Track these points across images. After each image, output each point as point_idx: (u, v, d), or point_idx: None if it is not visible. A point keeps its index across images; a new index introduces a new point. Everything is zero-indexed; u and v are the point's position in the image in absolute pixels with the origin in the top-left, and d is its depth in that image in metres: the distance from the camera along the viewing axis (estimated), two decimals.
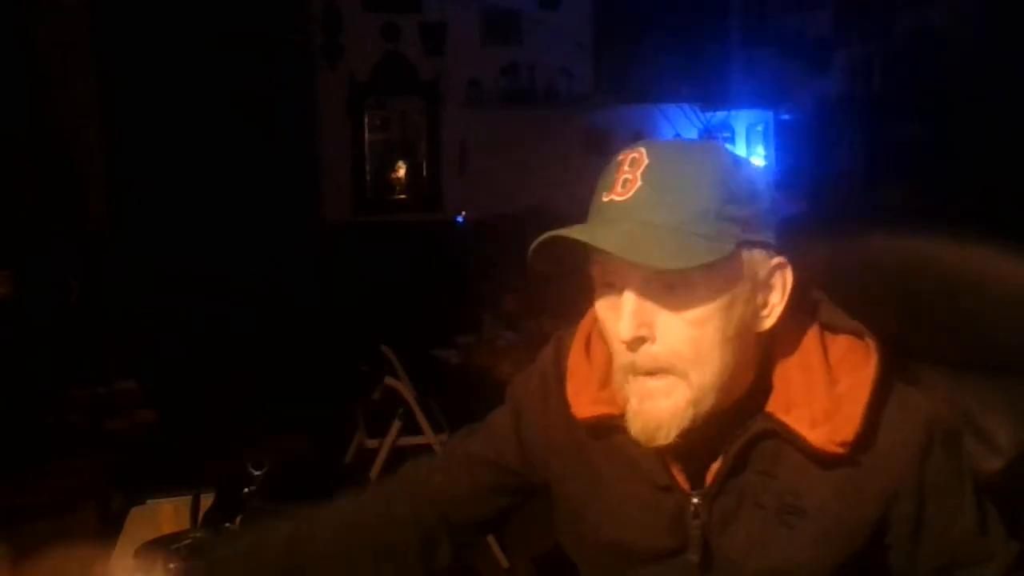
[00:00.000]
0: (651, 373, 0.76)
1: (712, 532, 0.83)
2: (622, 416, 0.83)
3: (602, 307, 0.79)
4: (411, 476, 1.02)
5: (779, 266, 0.79)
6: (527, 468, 0.97)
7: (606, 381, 0.87)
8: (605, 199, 0.75)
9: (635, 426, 0.78)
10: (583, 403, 0.87)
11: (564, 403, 0.89)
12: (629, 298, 0.74)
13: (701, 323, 0.74)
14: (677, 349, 0.74)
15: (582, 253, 0.77)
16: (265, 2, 4.08)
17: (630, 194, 0.74)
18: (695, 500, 0.83)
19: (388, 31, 4.21)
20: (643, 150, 0.75)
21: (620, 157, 0.77)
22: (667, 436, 0.76)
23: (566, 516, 0.95)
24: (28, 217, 3.53)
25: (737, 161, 0.77)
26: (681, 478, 0.83)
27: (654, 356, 0.75)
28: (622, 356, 0.77)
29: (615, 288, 0.76)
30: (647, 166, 0.74)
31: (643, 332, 0.74)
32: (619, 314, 0.75)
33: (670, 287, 0.74)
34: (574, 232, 0.73)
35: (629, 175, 0.74)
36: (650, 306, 0.74)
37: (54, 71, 3.77)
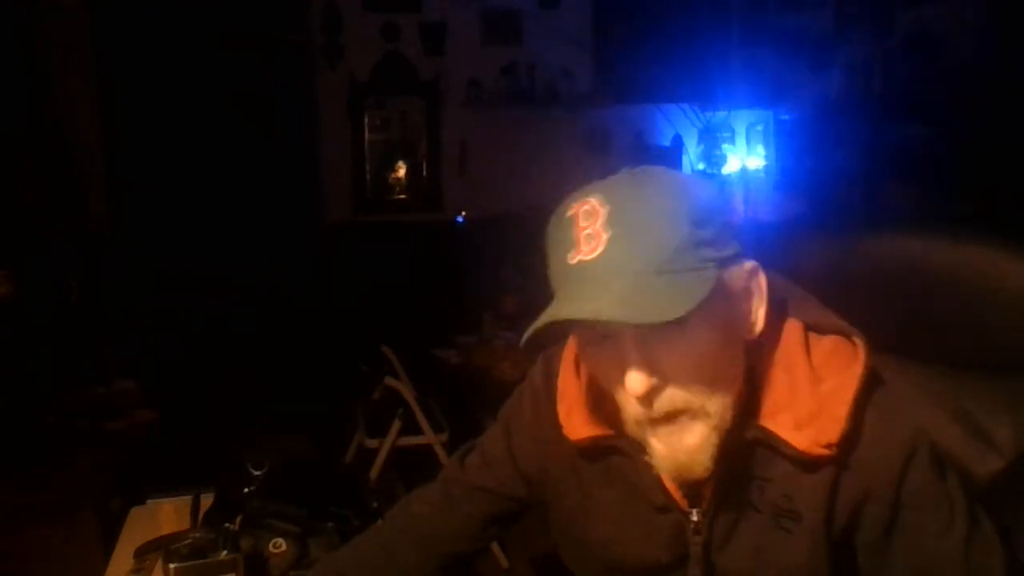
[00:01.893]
0: (668, 417, 0.73)
1: (714, 547, 0.82)
2: (616, 436, 0.83)
3: (596, 362, 0.76)
4: (412, 520, 1.02)
5: (752, 271, 0.77)
6: (528, 489, 0.97)
7: (599, 401, 0.85)
8: (572, 261, 0.70)
9: (667, 466, 0.75)
10: (575, 424, 0.86)
11: (556, 424, 0.87)
12: (632, 351, 0.71)
13: (704, 354, 0.72)
14: (691, 388, 0.72)
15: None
16: (265, 2, 4.08)
17: (600, 249, 0.69)
18: (695, 518, 0.82)
19: (388, 31, 4.20)
20: (594, 200, 0.71)
21: (570, 212, 0.72)
22: (704, 468, 0.74)
23: (564, 534, 0.95)
24: (28, 217, 3.53)
25: (690, 180, 0.75)
26: (678, 496, 0.82)
27: (670, 401, 0.72)
28: (633, 408, 0.74)
29: (607, 343, 0.73)
30: (607, 214, 0.70)
31: (654, 381, 0.71)
32: (620, 368, 0.72)
33: (666, 325, 0.70)
34: (571, 313, 0.69)
35: (590, 229, 0.70)
36: (652, 352, 0.71)
37: (54, 71, 3.76)
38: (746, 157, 4.28)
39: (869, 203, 3.46)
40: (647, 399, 0.72)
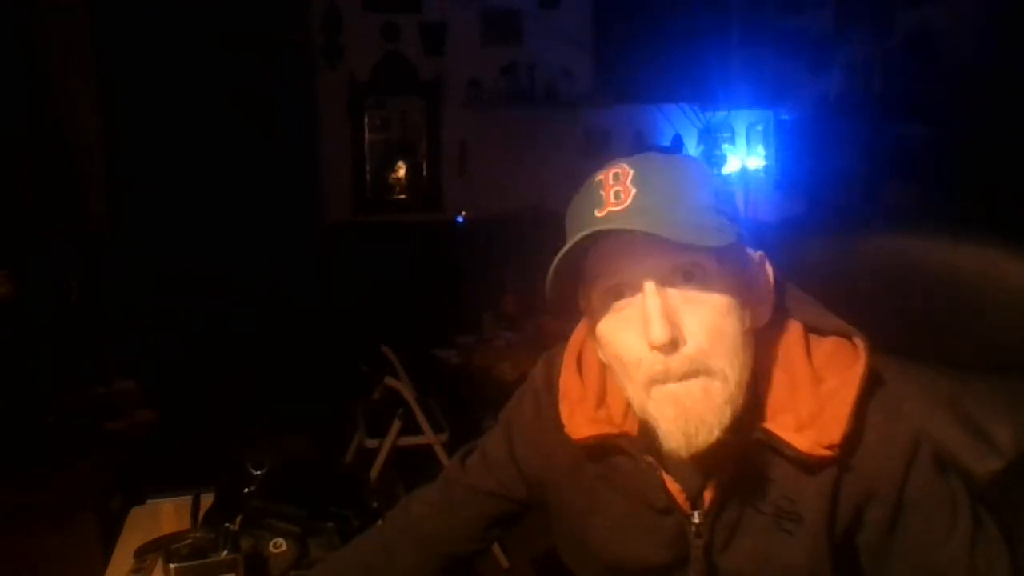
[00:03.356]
0: (686, 376, 0.72)
1: (715, 549, 0.82)
2: (619, 436, 0.83)
3: (613, 324, 0.76)
4: (413, 521, 1.02)
5: (761, 260, 0.80)
6: (529, 490, 0.97)
7: (601, 400, 0.86)
8: (599, 214, 0.72)
9: (675, 433, 0.73)
10: (578, 423, 0.85)
11: (558, 424, 0.87)
12: (653, 300, 0.71)
13: (724, 315, 0.73)
14: (709, 344, 0.72)
15: (585, 280, 0.77)
16: (265, 2, 4.08)
17: (628, 202, 0.72)
18: (696, 520, 0.82)
19: (388, 31, 4.21)
20: (624, 164, 0.74)
21: (599, 176, 0.75)
22: (709, 435, 0.72)
23: (565, 535, 0.94)
24: (28, 217, 3.53)
25: (707, 167, 0.77)
26: (680, 498, 0.82)
27: (689, 357, 0.72)
28: (650, 367, 0.73)
29: (627, 300, 0.74)
30: (635, 175, 0.73)
31: (675, 332, 0.71)
32: (640, 324, 0.72)
33: (688, 280, 0.72)
34: (610, 224, 0.70)
35: (619, 188, 0.72)
36: (673, 305, 0.72)
37: (54, 71, 3.77)
38: (746, 157, 4.28)
39: (869, 203, 3.46)
40: (667, 349, 0.71)
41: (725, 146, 4.32)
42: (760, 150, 4.24)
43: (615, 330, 0.76)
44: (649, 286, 0.72)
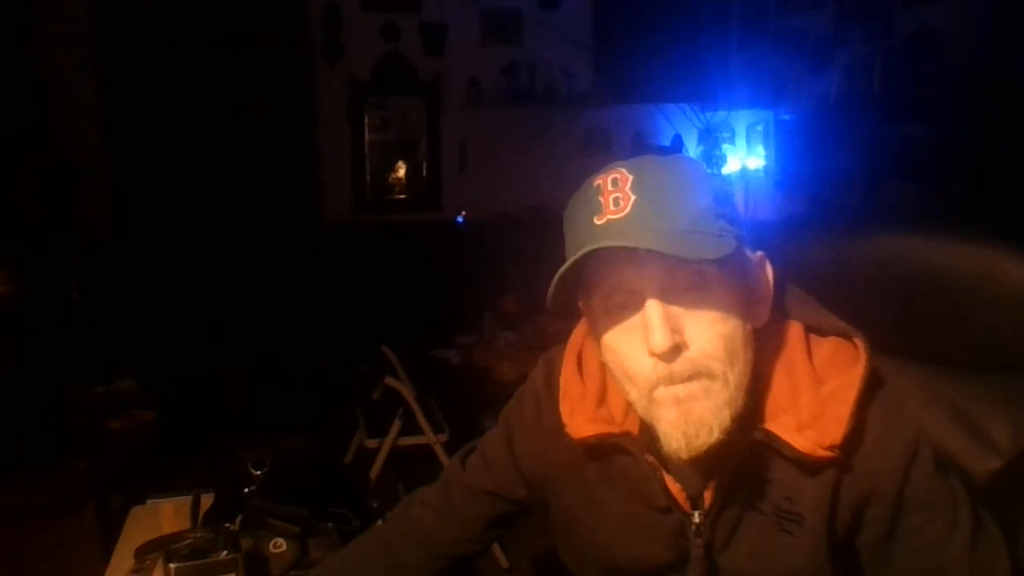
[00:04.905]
0: (689, 379, 0.73)
1: (715, 549, 0.82)
2: (620, 435, 0.83)
3: (617, 333, 0.76)
4: (413, 521, 1.02)
5: (761, 260, 0.80)
6: (529, 491, 0.97)
7: (602, 399, 0.86)
8: (599, 222, 0.72)
9: (676, 434, 0.74)
10: (579, 422, 0.85)
11: (559, 423, 0.87)
12: (655, 308, 0.72)
13: (725, 320, 0.73)
14: (711, 350, 0.72)
15: (586, 286, 0.77)
16: (265, 2, 4.08)
17: (628, 209, 0.71)
18: (696, 519, 0.82)
19: (388, 31, 4.21)
20: (622, 169, 0.74)
21: (597, 182, 0.74)
22: (709, 436, 0.73)
23: (565, 535, 0.95)
24: (28, 217, 3.53)
25: (706, 167, 0.77)
26: (681, 498, 0.82)
27: (691, 361, 0.72)
28: (654, 372, 0.73)
29: (628, 307, 0.74)
30: (633, 181, 0.72)
31: (677, 338, 0.72)
32: (642, 331, 0.73)
33: (689, 288, 0.73)
34: (612, 241, 0.70)
35: (618, 194, 0.72)
36: (675, 312, 0.72)
37: (54, 71, 3.77)
38: (746, 157, 4.28)
39: (869, 203, 3.46)
40: (669, 356, 0.72)
41: (725, 146, 4.32)
42: (760, 150, 4.23)
43: (617, 338, 0.76)
44: (651, 294, 0.73)
